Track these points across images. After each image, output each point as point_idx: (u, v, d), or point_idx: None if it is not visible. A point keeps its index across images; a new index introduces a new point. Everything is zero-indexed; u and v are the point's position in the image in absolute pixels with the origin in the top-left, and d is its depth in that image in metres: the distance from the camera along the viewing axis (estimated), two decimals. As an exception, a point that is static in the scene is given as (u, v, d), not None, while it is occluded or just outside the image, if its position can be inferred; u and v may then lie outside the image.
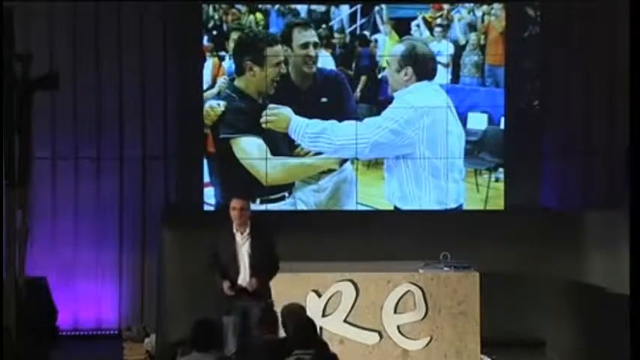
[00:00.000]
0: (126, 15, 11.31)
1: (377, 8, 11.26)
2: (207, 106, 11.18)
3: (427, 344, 9.59)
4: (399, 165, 11.25)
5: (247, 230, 8.66)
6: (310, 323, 6.97)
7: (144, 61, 11.35)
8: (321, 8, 11.25)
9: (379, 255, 10.03)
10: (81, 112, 11.34)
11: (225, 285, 8.50)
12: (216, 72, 11.21)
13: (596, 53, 11.45)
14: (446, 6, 11.26)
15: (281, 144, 11.21)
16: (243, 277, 8.60)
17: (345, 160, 11.26)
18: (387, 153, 11.25)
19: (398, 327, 9.58)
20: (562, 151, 11.54)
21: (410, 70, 11.23)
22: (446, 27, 11.27)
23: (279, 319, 7.40)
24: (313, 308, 9.34)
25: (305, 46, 11.24)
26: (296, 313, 7.16)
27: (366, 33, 11.27)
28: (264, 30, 11.21)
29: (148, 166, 11.42)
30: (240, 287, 8.54)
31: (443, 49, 11.27)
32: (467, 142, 11.29)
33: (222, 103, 11.19)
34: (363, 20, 11.26)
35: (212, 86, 11.20)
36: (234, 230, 8.69)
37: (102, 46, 11.31)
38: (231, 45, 11.21)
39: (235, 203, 8.70)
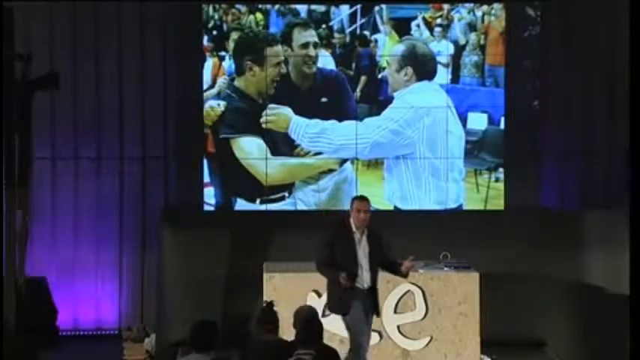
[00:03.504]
0: (126, 15, 11.31)
1: (377, 8, 11.25)
2: (207, 106, 11.18)
3: (427, 344, 9.59)
4: (399, 165, 11.25)
5: (366, 231, 8.60)
6: (317, 323, 6.98)
7: (144, 61, 11.36)
8: (321, 8, 11.25)
9: (379, 255, 10.01)
10: (81, 112, 11.34)
11: (342, 276, 8.33)
12: (216, 72, 11.21)
13: (596, 53, 11.45)
14: (446, 6, 11.26)
15: (281, 144, 11.21)
16: (362, 277, 8.50)
17: (345, 160, 11.26)
18: (387, 153, 11.25)
19: (398, 327, 9.58)
20: (562, 152, 11.55)
21: (410, 70, 11.23)
22: (446, 27, 11.27)
23: (279, 320, 7.39)
24: (313, 308, 9.34)
25: (305, 46, 11.24)
26: (307, 314, 7.17)
27: (366, 33, 11.27)
28: (264, 30, 11.21)
29: (148, 166, 11.43)
30: (353, 284, 8.44)
31: (443, 49, 11.27)
32: (467, 142, 11.29)
33: (222, 103, 11.19)
34: (363, 20, 11.26)
35: (212, 86, 11.20)
36: (354, 230, 8.60)
37: (102, 46, 11.31)
38: (231, 45, 11.21)
39: (360, 205, 8.59)
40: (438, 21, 11.27)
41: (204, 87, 11.18)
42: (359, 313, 8.47)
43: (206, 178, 11.22)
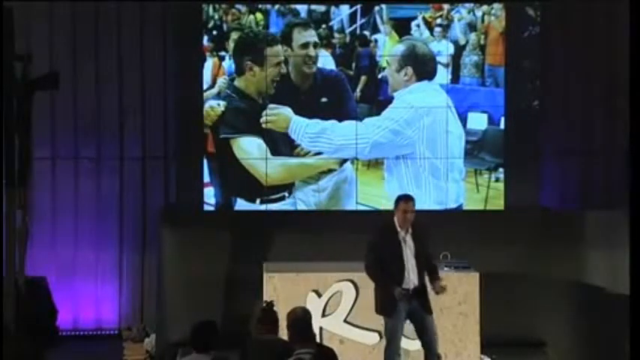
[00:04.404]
0: (126, 15, 11.31)
1: (377, 8, 11.25)
2: (207, 106, 11.18)
3: (427, 344, 9.58)
4: (399, 165, 11.25)
5: (410, 229, 8.59)
6: (306, 321, 6.98)
7: (144, 62, 11.36)
8: (321, 8, 11.25)
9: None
10: (81, 112, 11.35)
11: (397, 291, 8.39)
12: (216, 72, 11.20)
13: (596, 53, 11.46)
14: (446, 6, 11.26)
15: (281, 144, 11.21)
16: (409, 278, 8.52)
17: (345, 160, 11.26)
18: (387, 153, 11.25)
19: (398, 327, 9.56)
20: (562, 151, 11.55)
21: (410, 70, 11.23)
22: (446, 27, 11.27)
23: (279, 320, 7.39)
24: (313, 308, 9.32)
25: (305, 46, 11.24)
26: (297, 314, 7.17)
27: (366, 33, 11.27)
28: (264, 30, 11.21)
29: (148, 166, 11.43)
30: (406, 289, 8.49)
31: (443, 49, 11.28)
32: (467, 142, 11.29)
33: (222, 103, 11.19)
34: (363, 20, 11.26)
35: (212, 86, 11.20)
36: (398, 230, 8.59)
37: (102, 46, 11.31)
38: (231, 45, 11.20)
39: (407, 206, 8.58)
40: (438, 21, 11.27)
41: (204, 87, 11.18)
42: (400, 316, 8.52)
43: (206, 178, 11.22)
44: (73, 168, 11.37)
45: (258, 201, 11.20)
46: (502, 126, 11.28)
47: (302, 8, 11.23)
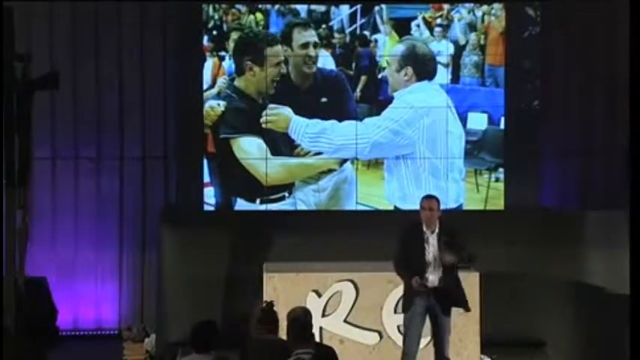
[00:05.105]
0: (126, 15, 11.31)
1: (377, 8, 11.26)
2: (207, 106, 11.18)
3: (427, 344, 9.57)
4: (399, 165, 11.25)
5: (437, 230, 8.61)
6: (306, 321, 6.98)
7: (144, 61, 11.36)
8: (321, 8, 11.25)
9: (379, 255, 10.02)
10: (81, 112, 11.35)
11: (415, 280, 8.42)
12: (216, 72, 11.21)
13: (596, 53, 11.46)
14: (446, 6, 11.27)
15: (281, 144, 11.21)
16: (429, 277, 8.53)
17: (345, 160, 11.26)
18: (387, 153, 11.25)
19: (398, 327, 9.56)
20: (562, 151, 11.55)
21: (410, 70, 11.23)
22: (446, 27, 11.27)
23: (279, 320, 7.39)
24: (313, 308, 9.31)
25: (305, 46, 11.24)
26: (296, 314, 7.17)
27: (366, 33, 11.27)
28: (264, 30, 11.21)
29: (148, 166, 11.43)
30: (427, 285, 8.49)
31: (443, 49, 11.28)
32: (467, 142, 11.30)
33: (222, 103, 11.19)
34: (363, 20, 11.26)
35: (212, 86, 11.20)
36: (424, 229, 8.61)
37: (102, 46, 11.31)
38: (231, 45, 11.21)
39: (426, 203, 8.61)
40: (438, 21, 11.27)
41: (204, 87, 11.18)
42: (416, 314, 8.56)
43: (206, 178, 11.22)
44: (73, 168, 11.37)
45: (258, 201, 11.20)
46: (502, 126, 11.28)
47: (302, 8, 11.24)
